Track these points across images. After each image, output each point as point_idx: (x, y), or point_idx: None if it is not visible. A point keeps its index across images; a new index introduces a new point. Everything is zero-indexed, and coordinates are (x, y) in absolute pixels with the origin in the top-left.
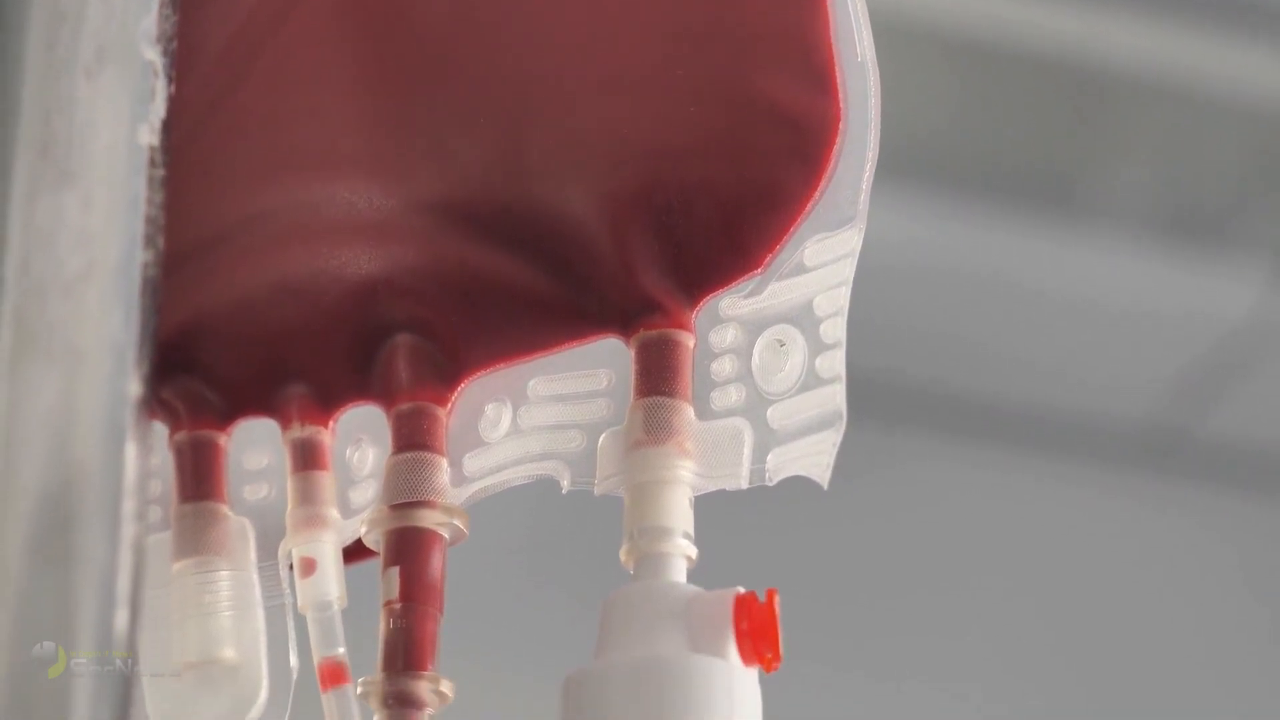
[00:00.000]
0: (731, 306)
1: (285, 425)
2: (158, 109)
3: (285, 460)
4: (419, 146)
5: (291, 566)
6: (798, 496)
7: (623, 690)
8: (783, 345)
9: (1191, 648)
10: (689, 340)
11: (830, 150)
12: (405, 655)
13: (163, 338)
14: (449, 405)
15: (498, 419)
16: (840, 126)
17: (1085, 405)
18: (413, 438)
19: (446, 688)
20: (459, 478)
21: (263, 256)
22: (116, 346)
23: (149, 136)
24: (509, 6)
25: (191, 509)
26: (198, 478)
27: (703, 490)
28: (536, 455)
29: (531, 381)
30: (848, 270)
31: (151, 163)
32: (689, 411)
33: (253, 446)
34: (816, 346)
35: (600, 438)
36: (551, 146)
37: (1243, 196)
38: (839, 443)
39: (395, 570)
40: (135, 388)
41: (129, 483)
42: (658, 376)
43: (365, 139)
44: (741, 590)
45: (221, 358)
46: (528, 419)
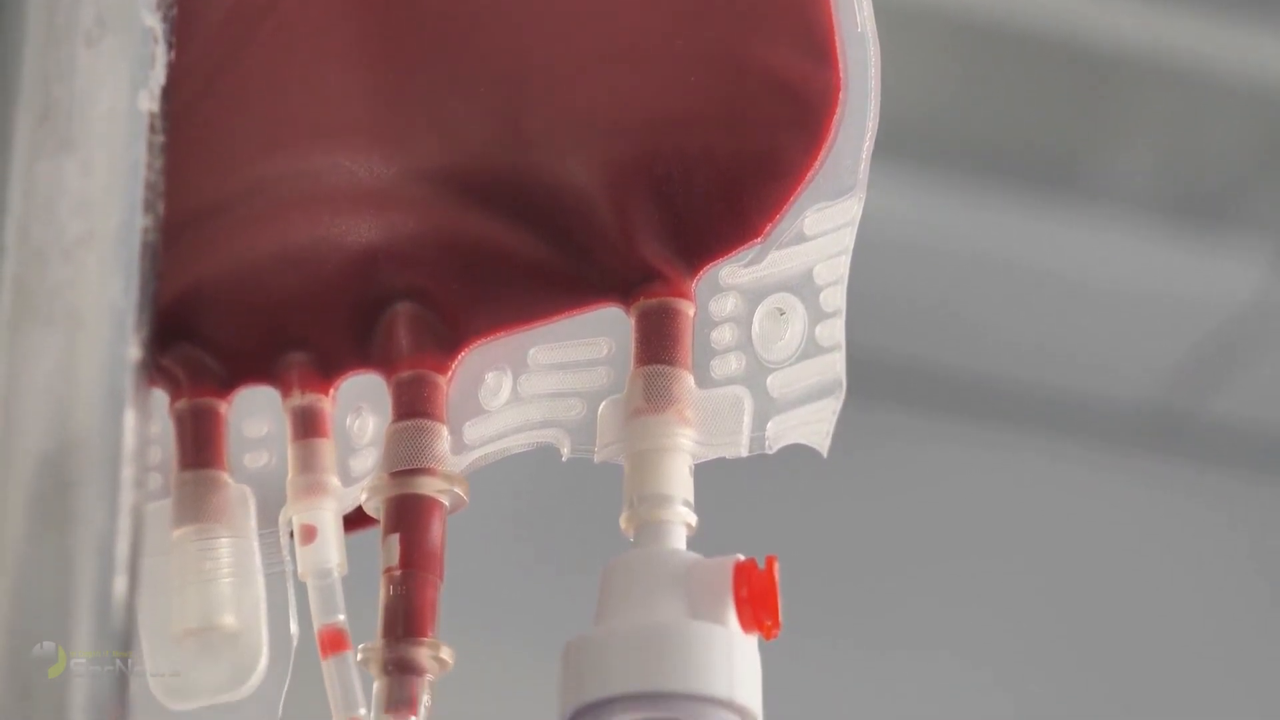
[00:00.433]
0: (731, 275)
1: (286, 393)
2: (158, 75)
3: (286, 428)
4: (420, 116)
5: (292, 534)
6: (798, 468)
7: (623, 657)
8: (783, 313)
9: (1195, 629)
10: (689, 309)
11: (830, 120)
12: (405, 622)
13: (163, 305)
14: (449, 373)
15: (498, 387)
16: (840, 96)
17: (1089, 386)
18: (413, 405)
19: (447, 654)
20: (459, 445)
21: (263, 225)
22: (116, 312)
23: (149, 103)
24: None
25: (192, 476)
26: (198, 445)
27: (703, 458)
28: (537, 423)
29: (532, 350)
30: (848, 239)
31: (151, 129)
32: (689, 380)
33: (253, 414)
34: (816, 315)
35: (600, 406)
36: (552, 116)
37: (1246, 178)
38: (839, 410)
39: (395, 537)
40: (135, 353)
41: (128, 449)
42: (658, 345)
43: (366, 108)
44: (741, 557)
45: (222, 325)
46: (528, 387)
